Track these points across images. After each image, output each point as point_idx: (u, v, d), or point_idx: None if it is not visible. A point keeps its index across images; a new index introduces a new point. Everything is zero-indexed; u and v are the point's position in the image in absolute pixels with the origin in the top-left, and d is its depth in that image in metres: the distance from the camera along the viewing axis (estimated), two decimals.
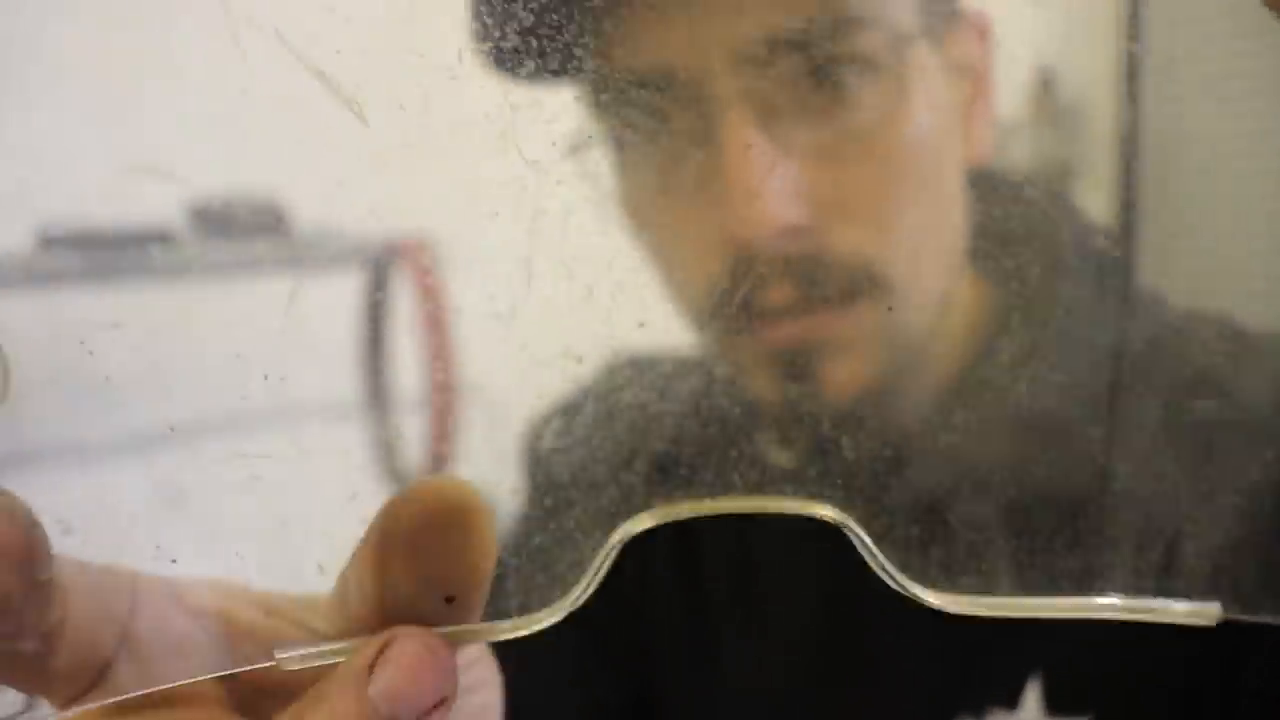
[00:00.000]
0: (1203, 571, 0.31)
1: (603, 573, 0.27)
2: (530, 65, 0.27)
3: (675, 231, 0.29)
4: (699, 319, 0.28)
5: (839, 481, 0.29)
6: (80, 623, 0.22)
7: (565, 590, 0.27)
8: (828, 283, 0.31)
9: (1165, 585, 0.32)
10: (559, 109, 0.28)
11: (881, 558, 0.28)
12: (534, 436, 0.34)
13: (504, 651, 0.29)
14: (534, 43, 0.27)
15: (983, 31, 0.35)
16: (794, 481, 0.31)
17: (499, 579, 0.25)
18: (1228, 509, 0.32)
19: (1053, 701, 0.41)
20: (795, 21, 0.29)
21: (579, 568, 0.28)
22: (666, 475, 0.34)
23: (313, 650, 0.25)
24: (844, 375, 0.31)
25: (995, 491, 0.34)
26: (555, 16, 0.26)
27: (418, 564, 0.23)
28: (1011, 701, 0.41)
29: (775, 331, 0.30)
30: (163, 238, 0.98)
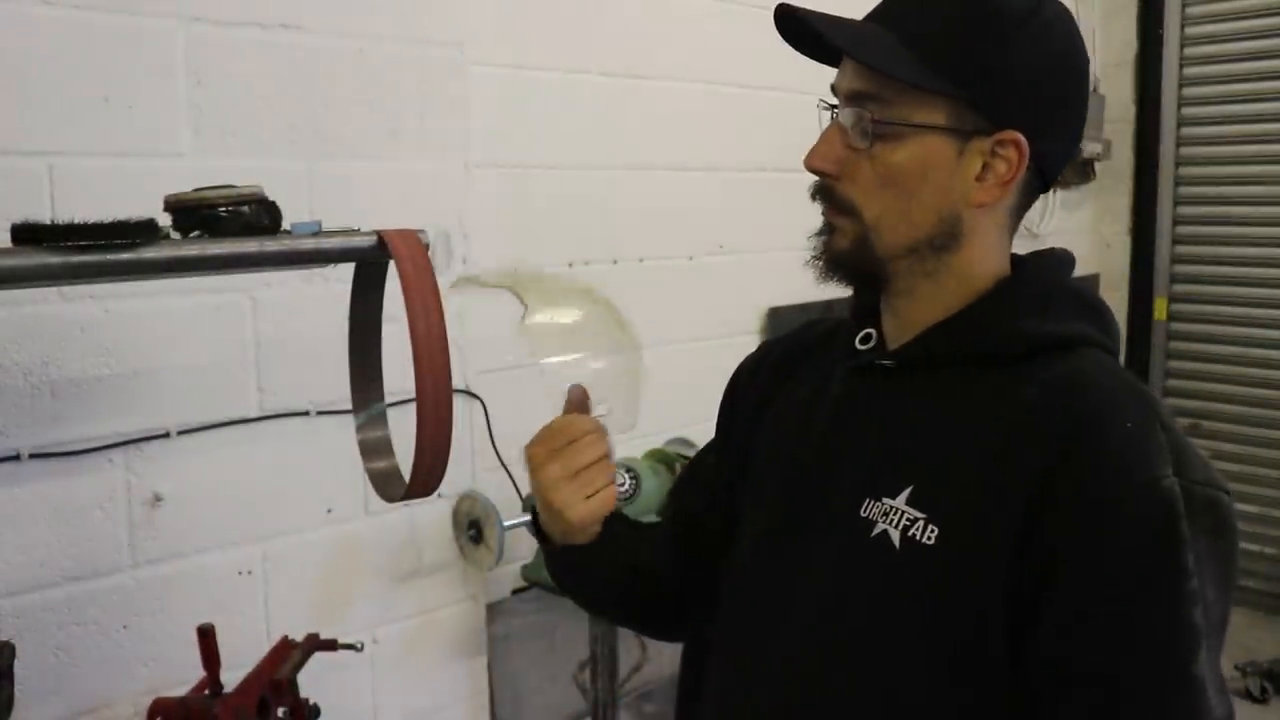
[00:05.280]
0: None
1: None
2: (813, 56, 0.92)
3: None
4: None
5: None
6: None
7: None
8: (836, 202, 0.89)
9: None
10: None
11: None
12: None
13: None
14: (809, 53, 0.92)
15: (1021, 150, 0.85)
16: None
17: None
18: None
19: (913, 497, 0.84)
20: (856, 86, 0.87)
21: None
22: None
23: None
24: (838, 240, 0.89)
25: None
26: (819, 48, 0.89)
27: None
28: (894, 495, 0.85)
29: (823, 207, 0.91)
30: (149, 234, 0.96)
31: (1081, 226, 4.02)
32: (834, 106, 0.90)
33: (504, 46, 2.13)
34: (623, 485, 2.09)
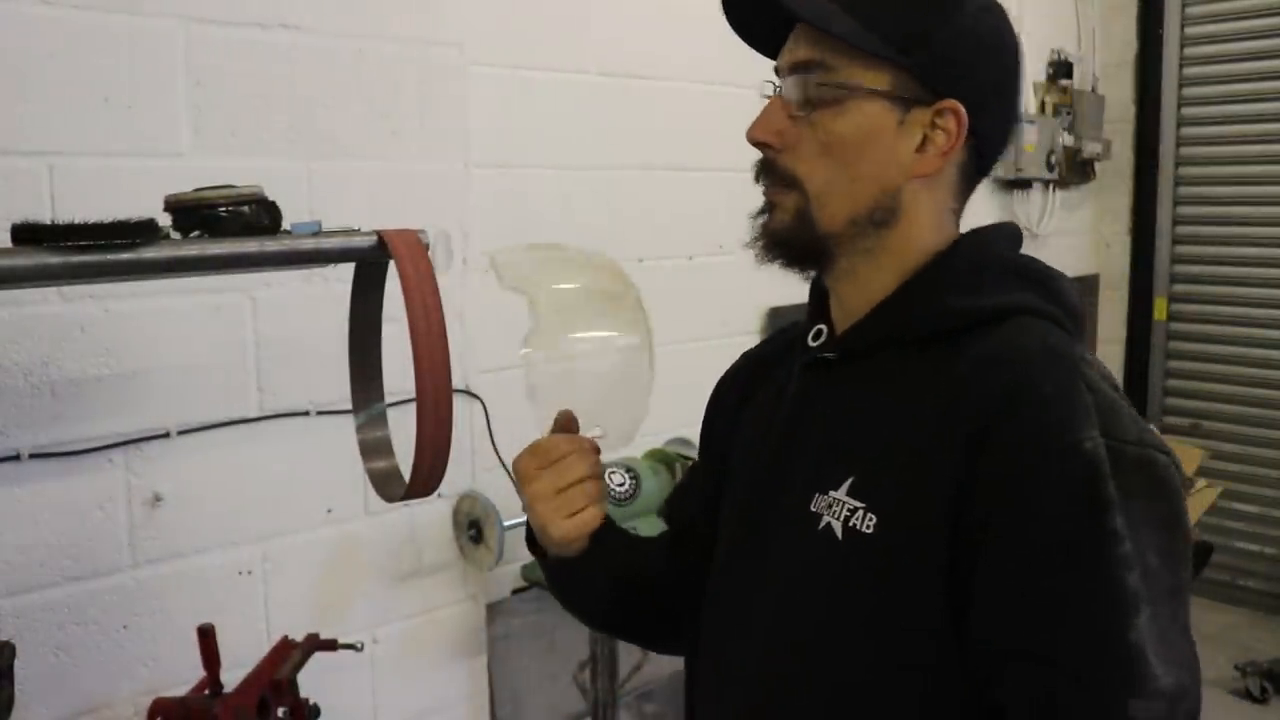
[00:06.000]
0: None
1: None
2: (758, 48, 0.94)
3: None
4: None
5: None
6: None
7: None
8: (778, 174, 0.90)
9: None
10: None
11: None
12: None
13: None
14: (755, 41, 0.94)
15: (960, 120, 0.87)
16: None
17: None
18: None
19: (854, 488, 0.85)
20: (800, 56, 0.88)
21: None
22: None
23: None
24: (779, 217, 0.91)
25: None
26: (766, 40, 0.92)
27: None
28: (837, 487, 0.86)
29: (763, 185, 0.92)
30: (149, 234, 0.97)
31: (1081, 226, 4.02)
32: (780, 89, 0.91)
33: (504, 46, 2.13)
34: (623, 485, 2.09)
